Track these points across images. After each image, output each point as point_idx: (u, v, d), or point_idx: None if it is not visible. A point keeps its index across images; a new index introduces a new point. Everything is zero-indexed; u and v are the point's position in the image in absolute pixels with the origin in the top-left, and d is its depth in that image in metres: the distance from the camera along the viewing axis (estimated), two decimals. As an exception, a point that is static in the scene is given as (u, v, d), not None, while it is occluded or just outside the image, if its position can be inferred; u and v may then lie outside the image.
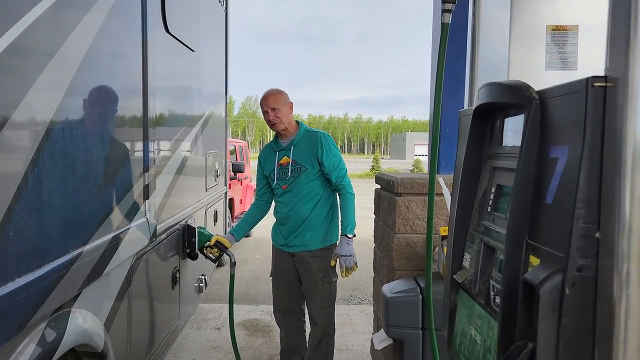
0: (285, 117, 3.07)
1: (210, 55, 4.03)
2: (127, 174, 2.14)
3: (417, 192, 3.09)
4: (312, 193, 3.10)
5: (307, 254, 3.13)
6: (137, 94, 2.27)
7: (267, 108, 3.05)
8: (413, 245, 3.09)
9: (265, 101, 3.05)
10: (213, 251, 3.27)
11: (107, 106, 1.93)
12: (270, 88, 3.12)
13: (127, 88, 2.17)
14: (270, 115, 3.04)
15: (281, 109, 3.05)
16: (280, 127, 3.08)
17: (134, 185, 2.20)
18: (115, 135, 2.01)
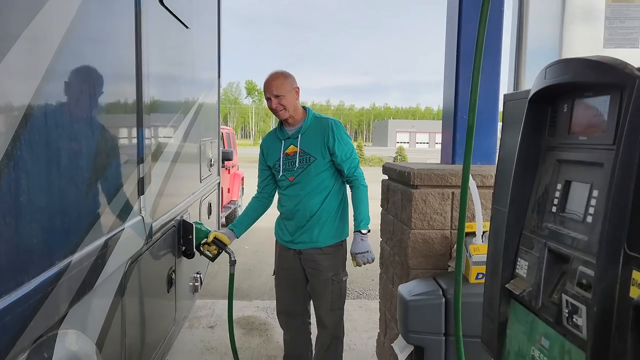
0: (290, 104, 2.78)
1: (204, 33, 3.71)
2: (120, 166, 1.84)
3: (435, 185, 2.84)
4: (321, 185, 2.83)
5: (316, 251, 2.87)
6: (130, 74, 1.97)
7: (269, 95, 2.76)
8: (430, 242, 2.85)
9: (268, 87, 2.76)
10: (211, 249, 2.99)
11: (95, 88, 1.63)
12: (274, 71, 2.83)
13: (119, 67, 1.87)
14: (273, 102, 2.75)
15: (285, 96, 2.76)
16: (285, 115, 2.79)
17: (127, 179, 1.91)
18: (105, 122, 1.71)
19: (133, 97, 1.99)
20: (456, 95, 3.08)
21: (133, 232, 1.93)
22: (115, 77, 1.81)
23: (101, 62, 1.66)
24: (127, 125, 1.95)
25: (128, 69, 1.94)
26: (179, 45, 2.90)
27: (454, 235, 2.85)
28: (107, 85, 1.71)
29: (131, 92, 1.97)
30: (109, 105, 1.74)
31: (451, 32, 3.16)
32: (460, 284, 1.95)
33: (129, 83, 1.95)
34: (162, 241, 2.48)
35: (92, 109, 1.57)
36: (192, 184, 3.30)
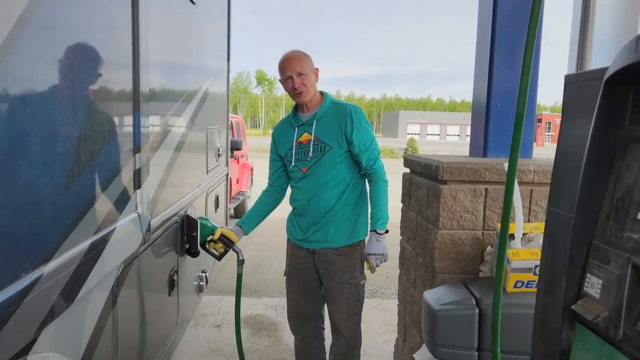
0: (311, 85, 2.51)
1: (213, 10, 3.43)
2: (111, 155, 1.58)
3: (466, 180, 2.55)
4: (338, 178, 2.56)
5: (331, 251, 2.60)
6: (125, 51, 1.70)
7: (291, 73, 2.48)
8: (460, 243, 2.57)
9: (290, 64, 2.48)
10: (217, 247, 2.74)
11: (80, 67, 1.36)
12: (291, 49, 2.55)
13: (111, 44, 1.60)
14: (296, 81, 2.48)
15: (308, 75, 2.50)
16: (307, 97, 2.52)
17: (122, 170, 1.65)
18: (92, 106, 1.44)
19: (129, 78, 1.72)
20: (490, 81, 2.78)
21: (127, 232, 1.68)
22: (106, 56, 1.54)
23: (90, 39, 1.40)
24: (121, 110, 1.68)
25: (122, 46, 1.68)
26: (184, 22, 2.63)
27: (486, 237, 2.57)
28: (95, 64, 1.45)
29: (126, 74, 1.71)
30: (97, 87, 1.47)
31: (485, 10, 2.85)
32: (500, 295, 1.68)
33: (123, 62, 1.68)
34: (162, 239, 2.22)
35: (74, 89, 1.31)
36: (197, 176, 3.04)
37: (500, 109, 2.79)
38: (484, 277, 2.49)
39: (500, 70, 2.77)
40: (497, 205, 2.55)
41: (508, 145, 2.76)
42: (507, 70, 2.76)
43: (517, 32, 2.73)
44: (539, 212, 2.56)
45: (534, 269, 2.17)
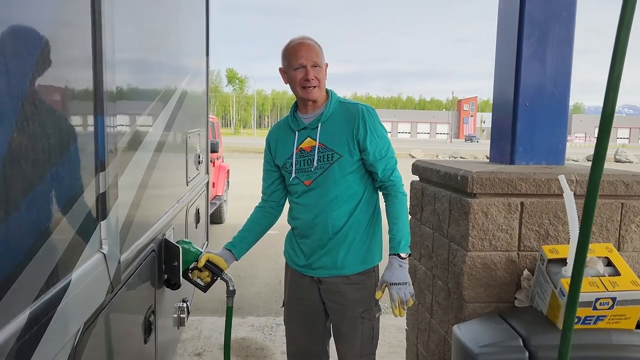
0: (323, 82, 2.10)
1: (190, 4, 2.96)
2: (64, 180, 1.12)
3: (499, 193, 2.17)
4: (348, 192, 2.14)
5: (341, 280, 2.18)
6: (82, 41, 1.24)
7: (306, 62, 2.05)
8: (492, 267, 2.19)
9: (307, 51, 2.06)
10: (203, 275, 2.28)
11: (15, 64, 0.90)
12: (303, 36, 2.13)
13: (59, 33, 1.14)
14: (310, 72, 2.05)
15: (322, 69, 2.09)
16: (316, 94, 2.10)
17: (78, 199, 1.19)
18: (37, 112, 0.98)
19: (87, 76, 1.26)
20: (517, 77, 2.40)
21: (88, 282, 1.22)
22: (56, 51, 1.09)
23: (31, 29, 0.94)
24: (75, 117, 1.22)
25: (77, 36, 1.22)
26: (158, 14, 2.16)
27: (522, 259, 2.19)
28: (38, 61, 0.99)
29: (83, 70, 1.25)
30: (37, 88, 1.01)
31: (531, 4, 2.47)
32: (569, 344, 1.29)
33: (77, 56, 1.22)
34: (136, 277, 1.76)
35: (7, 93, 0.86)
36: (176, 190, 2.58)
37: (530, 108, 2.41)
38: (523, 308, 2.11)
39: (530, 65, 2.40)
40: (534, 222, 2.17)
41: (539, 150, 2.39)
42: (538, 64, 2.39)
43: (550, 19, 2.36)
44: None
45: (594, 302, 1.79)
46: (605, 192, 2.17)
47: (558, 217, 2.17)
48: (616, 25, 1.19)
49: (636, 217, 2.21)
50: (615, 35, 1.20)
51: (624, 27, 1.18)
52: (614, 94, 1.22)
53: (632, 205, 2.20)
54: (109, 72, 1.35)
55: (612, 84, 1.23)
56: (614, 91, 1.22)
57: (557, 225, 2.17)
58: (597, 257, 1.92)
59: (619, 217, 2.20)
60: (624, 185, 2.18)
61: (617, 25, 1.18)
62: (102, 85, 1.31)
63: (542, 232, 2.18)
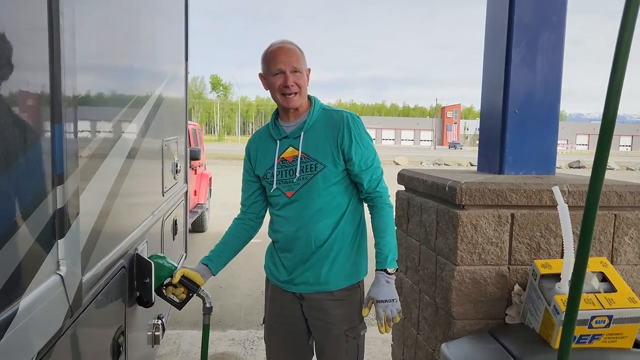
0: (304, 88, 1.99)
1: (166, 6, 2.84)
2: (14, 194, 1.00)
3: (489, 204, 2.08)
4: (333, 203, 2.03)
5: (325, 296, 2.07)
6: (38, 44, 1.12)
7: (285, 67, 1.94)
8: (482, 282, 2.09)
9: (286, 56, 1.95)
10: (177, 292, 2.15)
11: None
12: (284, 40, 2.02)
13: (14, 33, 1.02)
14: (289, 78, 1.94)
15: (303, 75, 1.98)
16: (297, 101, 1.99)
17: (30, 217, 1.07)
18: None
19: (43, 84, 1.14)
20: (506, 84, 2.33)
21: (41, 309, 1.09)
22: (4, 53, 0.97)
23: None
24: (29, 129, 1.10)
25: (33, 40, 1.10)
26: (129, 15, 2.04)
27: (513, 273, 2.10)
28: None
29: (40, 77, 1.13)
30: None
31: (497, 2, 2.40)
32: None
33: (33, 62, 1.10)
34: (102, 297, 1.63)
35: None
36: (151, 201, 2.44)
37: (519, 116, 2.34)
38: (514, 325, 2.02)
39: (520, 71, 2.32)
40: (525, 235, 2.09)
41: (529, 159, 2.31)
42: (528, 71, 2.32)
43: (540, 24, 2.29)
44: (578, 243, 2.11)
45: (589, 320, 1.70)
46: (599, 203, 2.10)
47: (550, 230, 2.09)
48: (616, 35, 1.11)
49: (629, 229, 2.14)
50: (616, 42, 1.12)
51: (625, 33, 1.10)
52: (614, 101, 1.15)
53: (625, 217, 2.13)
54: (68, 76, 1.23)
55: (613, 91, 1.15)
56: (615, 98, 1.15)
57: (549, 238, 2.09)
58: (592, 272, 1.84)
59: (612, 229, 2.13)
60: (617, 196, 2.11)
61: (618, 33, 1.10)
62: (61, 90, 1.18)
63: (534, 245, 2.09)
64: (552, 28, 2.30)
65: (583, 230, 1.16)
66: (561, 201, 1.72)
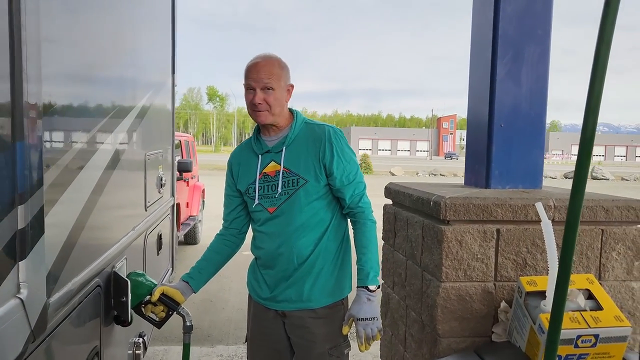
0: (278, 104, 1.95)
1: (151, 15, 2.82)
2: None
3: (474, 219, 2.05)
4: (315, 219, 2.00)
5: (308, 314, 2.02)
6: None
7: (254, 83, 1.92)
8: (468, 299, 2.05)
9: (257, 72, 1.92)
10: (157, 310, 2.10)
11: None
12: (265, 53, 1.99)
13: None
14: (257, 96, 1.91)
15: (276, 91, 1.93)
16: (267, 118, 1.95)
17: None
18: None
19: (3, 94, 1.10)
20: (492, 97, 2.30)
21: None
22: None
23: None
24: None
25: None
26: (106, 23, 2.01)
27: (499, 290, 2.06)
28: None
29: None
30: None
31: (482, 12, 2.39)
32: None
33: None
34: (74, 318, 1.58)
35: None
36: (131, 216, 2.40)
37: (505, 130, 2.31)
38: (500, 343, 1.98)
39: (505, 84, 2.30)
40: (511, 250, 2.05)
41: (516, 173, 2.27)
42: (513, 84, 2.30)
43: (525, 37, 2.27)
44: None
45: (575, 340, 1.66)
46: (585, 218, 2.07)
47: (536, 245, 2.05)
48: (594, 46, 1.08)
49: (617, 244, 2.10)
50: (594, 55, 1.10)
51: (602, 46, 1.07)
52: (593, 115, 1.12)
53: (612, 232, 2.10)
54: (32, 86, 1.19)
55: (591, 105, 1.13)
56: (594, 112, 1.12)
57: (536, 253, 2.06)
58: (578, 289, 1.80)
59: (599, 244, 2.10)
60: (604, 211, 2.08)
61: (596, 46, 1.08)
62: (22, 102, 1.14)
63: (520, 261, 2.06)
64: (537, 41, 2.29)
65: (564, 247, 1.12)
66: (544, 217, 1.68)
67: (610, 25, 1.01)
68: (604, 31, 1.02)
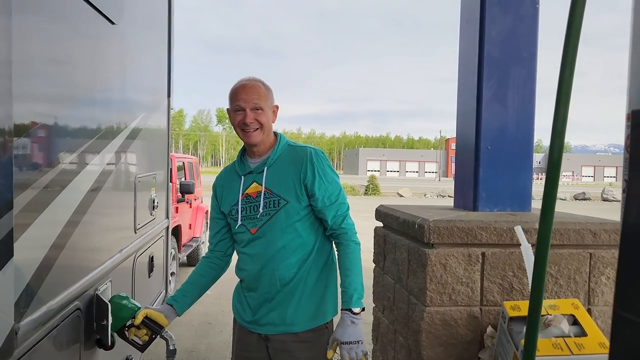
0: (267, 124, 1.98)
1: (144, 37, 2.87)
2: None
3: (458, 242, 2.03)
4: (297, 241, 1.99)
5: (290, 337, 2.00)
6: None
7: (244, 104, 1.94)
8: (453, 324, 2.02)
9: (245, 93, 1.95)
10: (140, 333, 2.08)
11: None
12: (250, 77, 2.02)
13: None
14: (248, 116, 1.94)
15: (265, 112, 1.96)
16: (258, 138, 1.97)
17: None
18: None
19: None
20: (478, 120, 2.31)
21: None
22: None
23: None
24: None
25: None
26: (96, 45, 2.05)
27: (485, 314, 2.03)
28: None
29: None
30: None
31: (468, 35, 2.41)
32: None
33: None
34: (49, 342, 1.57)
35: None
36: (118, 238, 2.40)
37: (492, 152, 2.31)
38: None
39: (491, 107, 2.30)
40: (497, 274, 2.03)
41: (503, 196, 2.26)
42: (499, 106, 2.30)
43: (510, 60, 2.28)
44: (552, 285, 2.04)
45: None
46: (572, 241, 2.04)
47: (522, 269, 2.03)
48: (558, 71, 1.08)
49: (606, 268, 2.07)
50: (558, 79, 1.10)
51: (566, 70, 1.08)
52: (559, 139, 1.12)
53: (601, 256, 2.07)
54: (0, 106, 1.20)
55: (557, 130, 1.13)
56: (560, 136, 1.12)
57: (522, 277, 2.03)
58: (562, 314, 1.77)
59: (588, 268, 2.06)
60: (592, 234, 2.05)
61: (560, 70, 1.08)
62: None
63: (506, 285, 2.03)
64: (523, 64, 2.29)
65: (535, 273, 1.11)
66: (524, 241, 1.66)
67: (573, 49, 1.02)
68: (567, 55, 1.02)
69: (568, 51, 1.03)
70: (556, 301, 1.81)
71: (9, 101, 1.25)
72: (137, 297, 2.69)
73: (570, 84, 1.06)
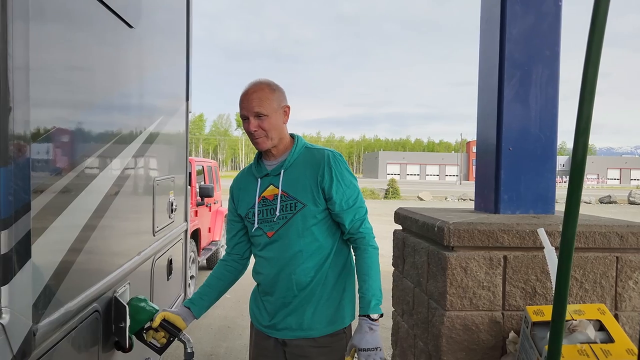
0: (274, 129, 1.94)
1: (163, 41, 2.89)
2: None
3: (479, 246, 1.98)
4: (314, 245, 1.96)
5: (308, 342, 1.98)
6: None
7: (247, 112, 1.93)
8: (474, 329, 1.97)
9: (248, 101, 1.92)
10: (158, 336, 2.08)
11: None
12: (256, 80, 2.00)
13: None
14: (251, 124, 1.92)
15: (270, 117, 1.92)
16: (266, 144, 1.95)
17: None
18: None
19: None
20: (499, 121, 2.26)
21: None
22: None
23: None
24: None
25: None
26: (114, 49, 2.06)
27: (507, 319, 1.98)
28: None
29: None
30: None
31: (489, 35, 2.36)
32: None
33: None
34: (67, 344, 1.58)
35: None
36: (137, 241, 2.41)
37: (514, 153, 2.25)
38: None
39: (513, 107, 2.25)
40: (519, 278, 1.97)
41: (525, 198, 2.20)
42: (521, 106, 2.25)
43: (532, 59, 2.23)
44: (577, 289, 1.98)
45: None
46: (598, 244, 1.98)
47: (546, 273, 1.97)
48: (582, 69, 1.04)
49: (634, 272, 2.00)
50: (582, 79, 1.07)
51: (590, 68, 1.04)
52: (583, 139, 1.08)
53: (628, 259, 2.00)
54: (18, 112, 1.21)
55: (581, 128, 1.09)
56: (584, 135, 1.08)
57: (545, 282, 1.97)
58: (588, 319, 1.71)
59: (614, 272, 2.00)
60: (618, 237, 1.99)
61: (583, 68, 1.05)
62: (6, 128, 1.17)
63: (529, 290, 1.97)
64: (545, 63, 2.24)
65: (559, 277, 1.07)
66: (547, 244, 1.61)
67: (597, 45, 0.98)
68: (591, 51, 0.98)
69: (592, 48, 0.99)
70: (581, 306, 1.75)
71: (27, 105, 1.26)
72: (156, 300, 2.70)
73: (595, 82, 1.02)
